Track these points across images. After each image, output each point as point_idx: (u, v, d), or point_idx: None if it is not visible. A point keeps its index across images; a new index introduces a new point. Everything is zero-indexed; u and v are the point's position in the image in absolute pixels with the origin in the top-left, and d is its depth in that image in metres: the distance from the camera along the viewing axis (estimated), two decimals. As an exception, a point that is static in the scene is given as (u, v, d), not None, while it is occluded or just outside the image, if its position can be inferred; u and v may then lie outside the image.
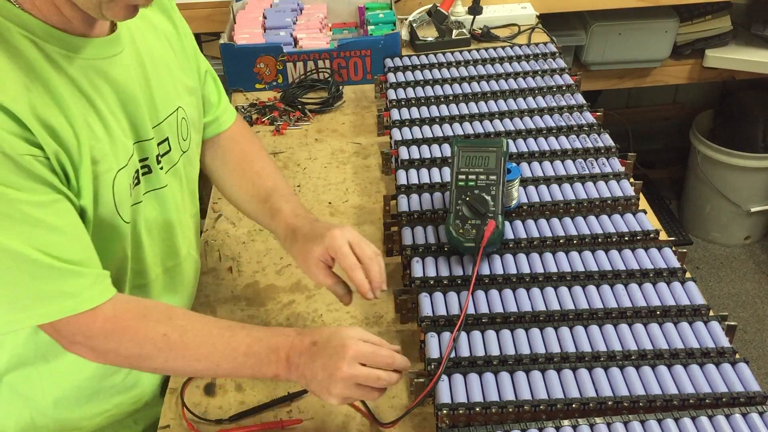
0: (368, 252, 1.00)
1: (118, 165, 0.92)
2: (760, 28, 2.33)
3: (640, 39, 2.30)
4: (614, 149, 1.41)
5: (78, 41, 0.87)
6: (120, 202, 0.94)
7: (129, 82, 0.95)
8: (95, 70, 0.90)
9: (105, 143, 0.90)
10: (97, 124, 0.89)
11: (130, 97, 0.95)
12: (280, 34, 1.86)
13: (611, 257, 1.16)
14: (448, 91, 1.64)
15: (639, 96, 3.04)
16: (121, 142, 0.93)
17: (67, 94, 0.85)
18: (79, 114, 0.86)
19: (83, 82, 0.88)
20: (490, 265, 1.15)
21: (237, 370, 0.91)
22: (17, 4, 0.82)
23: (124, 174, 0.94)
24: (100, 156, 0.89)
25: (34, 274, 0.82)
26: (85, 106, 0.88)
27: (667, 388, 0.94)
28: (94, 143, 0.88)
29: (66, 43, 0.86)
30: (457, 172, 1.17)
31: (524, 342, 1.02)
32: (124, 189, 0.94)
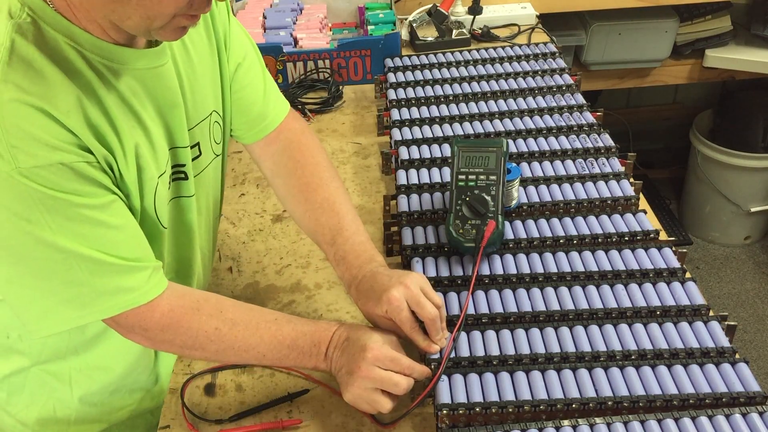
0: (428, 311, 0.96)
1: (159, 172, 0.95)
2: (760, 28, 2.33)
3: (640, 39, 2.30)
4: (614, 149, 1.41)
5: (124, 53, 0.88)
6: (160, 209, 0.97)
7: (170, 92, 0.96)
8: (139, 81, 0.91)
9: (147, 151, 0.92)
10: (140, 133, 0.91)
11: (170, 106, 0.97)
12: (280, 34, 1.86)
13: (611, 257, 1.16)
14: (448, 91, 1.64)
15: (639, 96, 3.04)
16: (161, 148, 0.95)
17: (113, 105, 0.87)
18: (124, 124, 0.88)
19: (127, 93, 0.89)
20: (490, 265, 1.15)
21: (281, 361, 0.97)
22: (62, 15, 0.83)
23: (163, 181, 0.96)
24: (145, 164, 0.92)
25: (95, 272, 0.86)
26: (128, 116, 0.90)
27: (667, 388, 0.94)
28: (139, 152, 0.91)
29: (112, 55, 0.87)
30: (457, 172, 1.17)
31: (524, 342, 1.02)
32: (164, 195, 0.97)
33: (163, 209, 0.98)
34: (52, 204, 0.80)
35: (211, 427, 1.02)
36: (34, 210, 0.80)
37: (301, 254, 1.31)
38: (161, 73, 0.95)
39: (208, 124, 1.06)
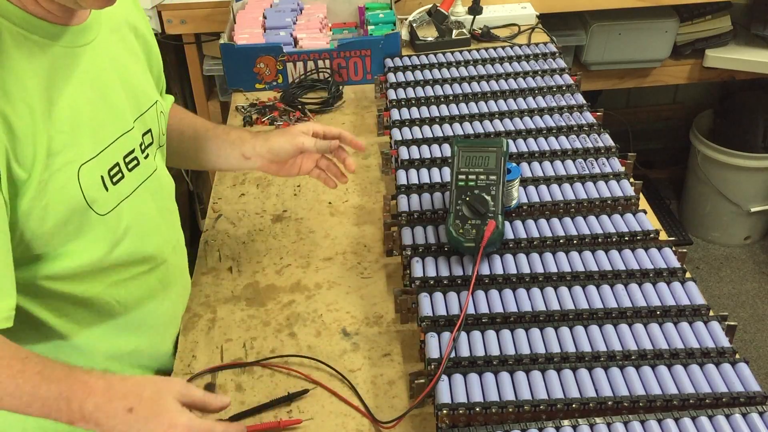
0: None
1: (82, 158, 0.92)
2: (760, 28, 2.33)
3: (640, 39, 2.30)
4: (614, 149, 1.41)
5: (56, 29, 0.88)
6: (93, 197, 0.93)
7: (105, 71, 0.96)
8: (72, 56, 0.91)
9: (67, 134, 0.89)
10: (63, 115, 0.89)
11: (107, 85, 0.96)
12: (280, 34, 1.86)
13: (611, 257, 1.16)
14: (448, 91, 1.64)
15: (639, 96, 3.04)
16: (89, 133, 0.93)
17: (32, 83, 0.85)
18: (41, 104, 0.86)
19: (59, 70, 0.89)
20: (490, 265, 1.15)
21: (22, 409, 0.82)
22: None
23: (91, 168, 0.93)
24: (59, 147, 0.88)
25: None
26: (52, 95, 0.88)
27: (667, 388, 0.94)
28: (53, 134, 0.87)
29: (44, 30, 0.87)
30: (457, 172, 1.17)
31: (524, 342, 1.02)
32: (95, 183, 0.94)
33: (99, 198, 0.94)
34: None
35: (211, 427, 1.01)
36: None
37: (301, 254, 1.31)
38: (94, 49, 0.94)
39: (155, 112, 1.08)
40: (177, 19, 2.11)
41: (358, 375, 1.08)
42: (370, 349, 1.12)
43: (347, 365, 1.10)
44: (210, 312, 1.21)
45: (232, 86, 1.84)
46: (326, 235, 1.36)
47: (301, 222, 1.39)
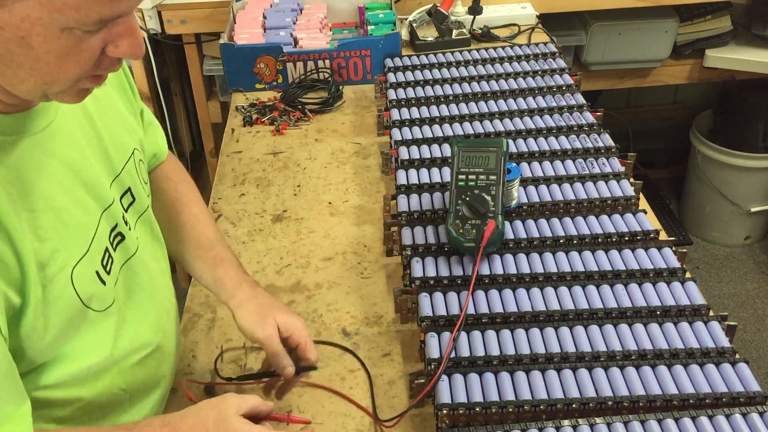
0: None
1: (75, 258, 0.80)
2: (760, 28, 2.33)
3: (640, 39, 2.30)
4: (614, 149, 1.41)
5: (15, 119, 0.74)
6: (88, 296, 0.81)
7: (74, 145, 0.82)
8: (40, 147, 0.77)
9: (54, 239, 0.77)
10: (45, 217, 0.76)
11: (80, 161, 0.82)
12: (280, 34, 1.86)
13: (611, 257, 1.16)
14: (448, 91, 1.64)
15: (639, 96, 3.04)
16: (78, 224, 0.81)
17: (5, 197, 0.72)
18: (17, 216, 0.73)
19: (24, 166, 0.74)
20: (490, 265, 1.15)
21: None
22: None
23: (85, 265, 0.81)
24: (49, 256, 0.76)
25: None
26: (24, 201, 0.74)
27: (667, 388, 0.94)
28: (39, 245, 0.75)
29: (8, 125, 0.73)
30: (457, 172, 1.17)
31: (524, 342, 1.02)
32: (90, 281, 0.82)
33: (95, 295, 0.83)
34: None
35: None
36: None
37: (301, 254, 1.31)
38: (57, 128, 0.80)
39: (133, 165, 0.93)
40: (177, 19, 2.11)
41: (358, 375, 1.08)
42: (370, 349, 1.12)
43: (347, 365, 1.10)
44: (210, 312, 1.21)
45: (232, 86, 1.84)
46: (326, 235, 1.36)
47: (301, 222, 1.39)
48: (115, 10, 0.65)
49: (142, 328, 0.92)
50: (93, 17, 0.64)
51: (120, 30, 0.68)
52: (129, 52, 0.70)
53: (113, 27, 0.67)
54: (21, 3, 0.62)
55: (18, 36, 0.63)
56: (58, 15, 0.63)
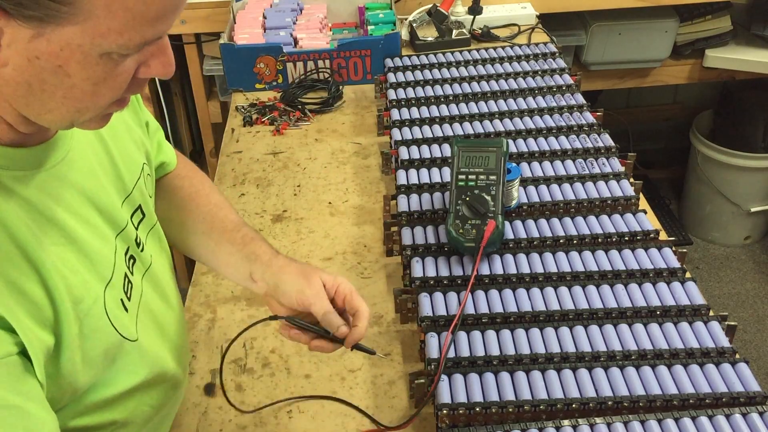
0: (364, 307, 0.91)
1: (102, 285, 0.77)
2: (760, 28, 2.33)
3: (640, 39, 2.30)
4: (614, 149, 1.41)
5: (35, 153, 0.71)
6: (122, 325, 0.79)
7: (90, 171, 0.79)
8: (58, 179, 0.74)
9: (83, 272, 0.74)
10: (69, 250, 0.73)
11: (95, 188, 0.79)
12: (280, 34, 1.86)
13: (611, 257, 1.16)
14: (448, 91, 1.64)
15: (639, 96, 3.04)
16: (99, 253, 0.77)
17: (31, 230, 0.68)
18: (45, 252, 0.69)
19: (46, 200, 0.71)
20: (490, 265, 1.15)
21: None
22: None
23: (112, 291, 0.78)
24: (82, 290, 0.73)
25: None
26: (51, 235, 0.71)
27: (667, 388, 0.94)
28: (72, 279, 0.72)
29: (23, 162, 0.70)
30: (457, 172, 1.17)
31: (524, 342, 1.02)
32: (118, 309, 0.79)
33: (127, 324, 0.80)
34: None
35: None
36: None
37: (301, 254, 1.31)
38: (74, 157, 0.76)
39: (143, 181, 0.90)
40: (177, 19, 2.11)
41: (358, 375, 1.08)
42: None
43: (347, 365, 1.10)
44: (210, 312, 1.21)
45: (232, 86, 1.84)
46: (326, 235, 1.36)
47: (301, 222, 1.39)
48: (158, 31, 0.63)
49: (164, 343, 0.90)
50: (137, 41, 0.62)
51: (153, 49, 0.65)
52: (161, 71, 0.67)
53: (147, 47, 0.64)
54: (61, 30, 0.59)
55: (55, 65, 0.61)
56: (101, 40, 0.60)
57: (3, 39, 0.59)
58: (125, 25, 0.60)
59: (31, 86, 0.62)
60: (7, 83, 0.62)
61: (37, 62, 0.60)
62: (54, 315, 0.70)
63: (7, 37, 0.59)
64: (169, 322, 0.91)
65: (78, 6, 0.58)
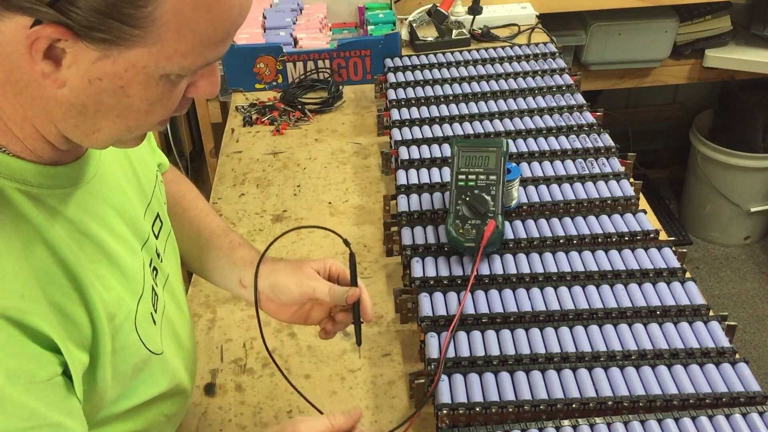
0: None
1: (135, 299, 0.77)
2: (760, 28, 2.33)
3: (640, 39, 2.30)
4: (614, 149, 1.41)
5: (71, 171, 0.71)
6: (148, 339, 0.78)
7: (118, 186, 0.79)
8: (91, 193, 0.74)
9: (117, 288, 0.74)
10: (106, 265, 0.74)
11: (124, 202, 0.80)
12: (280, 34, 1.86)
13: (611, 257, 1.16)
14: (448, 91, 1.64)
15: (639, 96, 3.04)
16: (131, 268, 0.78)
17: (71, 248, 0.69)
18: (84, 270, 0.70)
19: (83, 217, 0.72)
20: (490, 265, 1.15)
21: None
22: (6, 150, 0.65)
23: (143, 305, 0.79)
24: (116, 306, 0.73)
25: None
26: (90, 251, 0.72)
27: (667, 388, 0.94)
28: (107, 296, 0.72)
29: (62, 180, 0.70)
30: (457, 172, 1.17)
31: (524, 342, 1.02)
32: (147, 323, 0.79)
33: (154, 337, 0.80)
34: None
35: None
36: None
37: (301, 254, 1.31)
38: (105, 172, 0.77)
39: (158, 187, 0.90)
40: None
41: (358, 375, 1.08)
42: (370, 349, 1.12)
43: (347, 365, 1.10)
44: (210, 312, 1.21)
45: (232, 86, 1.84)
46: (326, 235, 1.36)
47: (301, 222, 1.39)
48: (219, 54, 0.63)
49: (180, 353, 0.90)
50: (199, 63, 0.62)
51: (204, 70, 0.66)
52: (208, 91, 0.68)
53: (200, 69, 0.65)
54: (128, 52, 0.58)
55: (117, 86, 0.61)
56: (166, 62, 0.60)
57: (65, 60, 0.58)
58: (191, 49, 0.60)
59: (85, 107, 0.62)
60: (60, 105, 0.62)
61: (98, 83, 0.60)
62: (92, 334, 0.70)
63: (70, 57, 0.58)
64: (184, 332, 0.91)
65: (150, 30, 0.57)
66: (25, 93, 0.62)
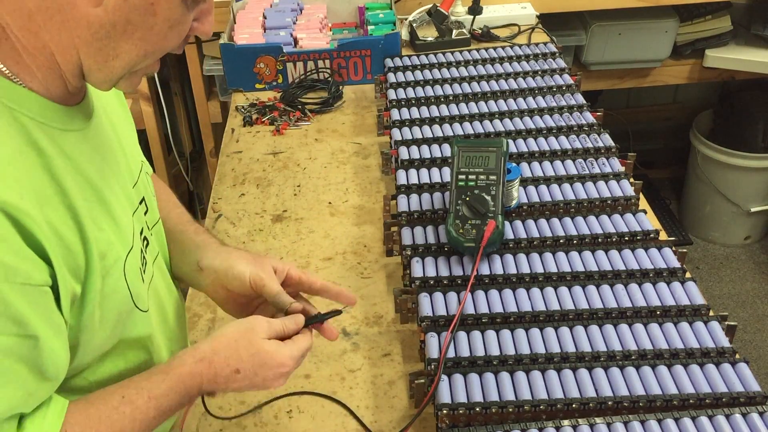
0: None
1: (125, 251, 0.80)
2: (760, 28, 2.33)
3: (640, 39, 2.30)
4: (614, 149, 1.41)
5: (73, 113, 0.76)
6: (136, 293, 0.82)
7: (109, 147, 0.83)
8: (86, 139, 0.77)
9: (109, 232, 0.77)
10: (99, 208, 0.77)
11: (114, 163, 0.83)
12: (280, 34, 1.86)
13: (611, 257, 1.16)
14: (448, 91, 1.64)
15: (639, 96, 3.04)
16: (122, 220, 0.81)
17: (71, 182, 0.73)
18: (83, 205, 0.74)
19: (80, 159, 0.75)
20: (490, 265, 1.15)
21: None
22: (19, 81, 0.69)
23: (132, 258, 0.81)
24: (106, 247, 0.76)
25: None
26: (86, 190, 0.75)
27: (667, 388, 0.94)
28: (99, 236, 0.75)
29: (65, 118, 0.74)
30: (457, 172, 1.17)
31: (524, 342, 1.02)
32: (136, 276, 0.82)
33: (140, 292, 0.83)
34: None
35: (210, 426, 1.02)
36: None
37: (301, 254, 1.31)
38: (97, 125, 0.80)
39: (145, 177, 0.93)
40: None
41: (358, 375, 1.08)
42: (370, 349, 1.12)
43: (347, 365, 1.10)
44: (210, 312, 1.21)
45: (232, 86, 1.84)
46: (326, 235, 1.36)
47: (301, 222, 1.39)
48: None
49: (164, 328, 0.92)
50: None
51: (205, 8, 0.73)
52: (207, 29, 0.75)
53: (202, 4, 0.72)
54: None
55: (148, 3, 0.67)
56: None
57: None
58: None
59: (114, 27, 0.67)
60: (90, 26, 0.67)
61: (131, 1, 0.66)
62: (85, 265, 0.73)
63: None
64: (170, 310, 0.95)
65: None
66: (55, 18, 0.66)
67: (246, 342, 0.83)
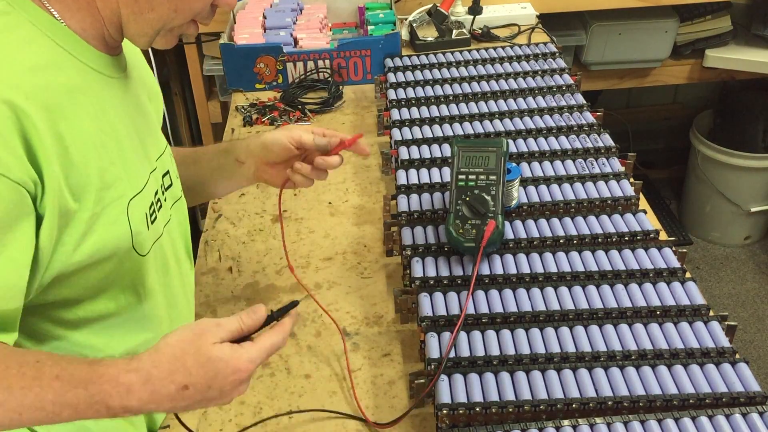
0: None
1: (133, 191, 0.86)
2: (760, 28, 2.33)
3: (640, 39, 2.30)
4: (614, 149, 1.41)
5: (105, 59, 0.85)
6: (137, 234, 0.86)
7: (134, 105, 0.92)
8: (113, 87, 0.87)
9: (117, 167, 0.84)
10: (114, 145, 0.84)
11: (137, 121, 0.92)
12: (280, 34, 1.86)
13: (611, 257, 1.16)
14: (448, 91, 1.64)
15: (639, 96, 3.04)
16: (135, 167, 0.88)
17: (90, 112, 0.81)
18: (98, 135, 0.82)
19: (106, 100, 0.84)
20: (490, 265, 1.15)
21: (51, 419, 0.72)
22: (63, 21, 0.80)
23: (139, 202, 0.87)
24: (112, 180, 0.82)
25: None
26: (104, 124, 0.83)
27: (667, 388, 0.94)
28: (108, 167, 0.82)
29: (98, 60, 0.84)
30: (457, 172, 1.17)
31: (524, 342, 1.02)
32: (141, 219, 0.87)
33: (142, 235, 0.87)
34: None
35: (211, 426, 1.02)
36: None
37: (301, 254, 1.31)
38: (129, 82, 0.91)
39: (169, 155, 1.01)
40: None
41: (358, 375, 1.08)
42: (370, 349, 1.12)
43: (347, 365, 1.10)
44: (210, 312, 1.21)
45: (232, 86, 1.84)
46: (326, 235, 1.36)
47: (301, 222, 1.39)
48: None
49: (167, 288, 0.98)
50: None
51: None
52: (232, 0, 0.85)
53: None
54: None
55: None
56: None
57: None
58: None
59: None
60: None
61: None
62: (84, 187, 0.78)
63: None
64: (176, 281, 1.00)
65: None
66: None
67: (194, 351, 0.73)
